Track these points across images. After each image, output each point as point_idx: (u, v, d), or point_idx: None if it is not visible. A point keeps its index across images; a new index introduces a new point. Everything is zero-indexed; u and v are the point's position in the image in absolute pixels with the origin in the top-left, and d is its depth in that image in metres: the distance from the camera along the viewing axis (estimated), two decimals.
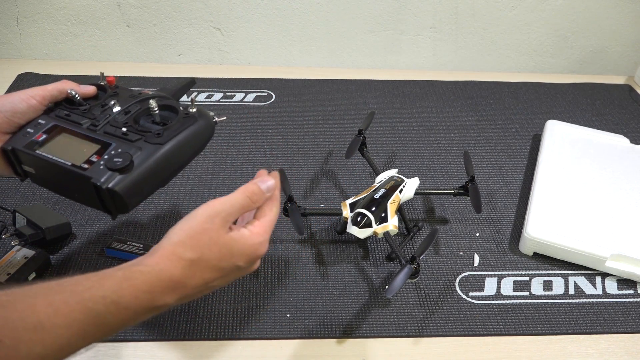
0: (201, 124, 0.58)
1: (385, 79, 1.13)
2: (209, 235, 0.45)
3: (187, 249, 0.45)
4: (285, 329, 0.65)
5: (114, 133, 0.55)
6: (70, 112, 0.58)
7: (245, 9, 1.09)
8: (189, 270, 0.44)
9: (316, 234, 0.77)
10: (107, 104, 0.59)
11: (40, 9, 1.06)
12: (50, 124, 0.57)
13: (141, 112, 0.58)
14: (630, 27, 1.16)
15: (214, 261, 0.46)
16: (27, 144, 0.55)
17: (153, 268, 0.43)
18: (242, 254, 0.47)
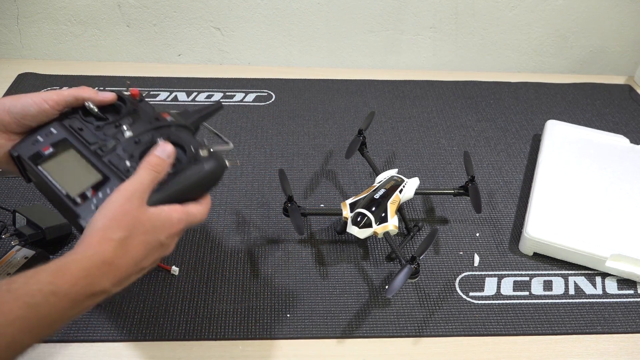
0: (208, 171, 0.54)
1: (385, 79, 1.13)
2: (132, 214, 0.46)
3: (115, 230, 0.45)
4: (285, 329, 0.65)
5: (117, 166, 0.53)
6: (83, 125, 0.56)
7: (245, 9, 1.09)
8: (120, 249, 0.45)
9: (316, 234, 0.77)
10: (120, 125, 0.56)
11: (40, 9, 1.06)
12: (60, 137, 0.55)
13: (150, 145, 0.53)
14: (630, 27, 1.16)
15: (141, 236, 0.47)
16: (32, 154, 0.54)
17: (85, 254, 0.44)
18: (163, 228, 0.48)
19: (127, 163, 0.53)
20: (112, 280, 0.45)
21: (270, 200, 0.82)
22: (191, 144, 0.54)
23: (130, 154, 0.53)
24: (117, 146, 0.54)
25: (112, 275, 0.45)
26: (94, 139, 0.55)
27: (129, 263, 0.46)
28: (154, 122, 0.56)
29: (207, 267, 0.71)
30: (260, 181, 0.85)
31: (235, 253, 0.74)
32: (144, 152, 0.53)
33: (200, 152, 0.54)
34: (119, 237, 0.45)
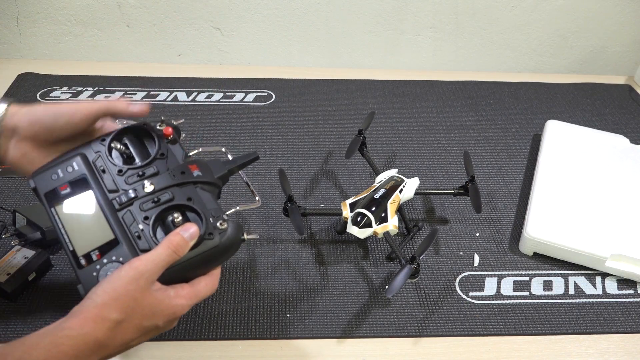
0: (223, 247, 0.51)
1: (385, 79, 1.13)
2: (134, 296, 0.45)
3: (112, 310, 0.44)
4: (285, 329, 0.65)
5: (129, 227, 0.50)
6: (106, 167, 0.52)
7: (245, 9, 1.09)
8: (113, 331, 0.44)
9: (316, 234, 0.77)
10: (144, 174, 0.52)
11: (40, 9, 1.06)
12: (80, 175, 0.52)
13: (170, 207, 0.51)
14: (630, 27, 1.16)
15: (137, 321, 0.46)
16: (49, 191, 0.52)
17: (79, 332, 0.43)
18: (163, 315, 0.47)
19: (140, 226, 0.50)
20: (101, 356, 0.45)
21: (270, 200, 0.82)
22: (210, 213, 0.51)
23: (145, 215, 0.50)
24: (134, 201, 0.51)
25: (99, 354, 0.44)
26: (113, 186, 0.52)
27: (119, 345, 0.45)
28: (179, 176, 0.53)
29: None
30: (260, 181, 0.85)
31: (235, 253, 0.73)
32: (159, 215, 0.50)
33: (219, 224, 0.51)
34: (115, 319, 0.44)
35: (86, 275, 0.48)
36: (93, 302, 0.44)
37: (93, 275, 0.48)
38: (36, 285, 0.67)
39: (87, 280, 0.48)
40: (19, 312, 0.64)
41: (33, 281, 0.67)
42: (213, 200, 0.53)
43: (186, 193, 0.52)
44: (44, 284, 0.68)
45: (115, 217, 0.50)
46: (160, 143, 0.54)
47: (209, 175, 0.54)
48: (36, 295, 0.66)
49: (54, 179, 0.52)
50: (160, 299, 0.46)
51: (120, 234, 0.49)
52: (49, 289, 0.67)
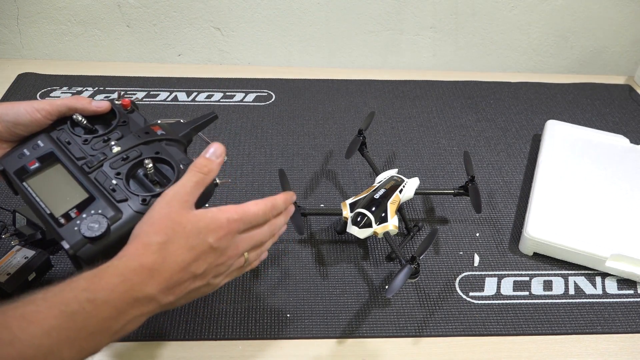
0: None
1: (385, 79, 1.13)
2: (171, 217, 0.44)
3: (152, 234, 0.44)
4: (285, 329, 0.65)
5: (103, 184, 0.51)
6: (71, 139, 0.55)
7: (245, 9, 1.09)
8: (159, 254, 0.43)
9: (316, 234, 0.77)
10: (109, 139, 0.55)
11: (40, 9, 1.06)
12: (47, 150, 0.54)
13: (138, 162, 0.53)
14: (630, 27, 1.16)
15: (183, 239, 0.44)
16: (18, 169, 0.53)
17: (121, 260, 0.42)
18: (209, 230, 0.45)
19: (113, 181, 0.51)
20: (158, 286, 0.42)
21: None
22: (181, 161, 0.53)
23: (117, 171, 0.52)
24: (104, 162, 0.53)
25: (156, 281, 0.42)
26: (80, 154, 0.54)
27: (174, 268, 0.43)
28: (143, 135, 0.55)
29: None
30: (260, 181, 0.85)
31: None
32: (131, 169, 0.52)
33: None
34: (158, 242, 0.43)
35: (67, 230, 0.49)
36: (133, 236, 0.44)
37: (75, 230, 0.48)
38: (36, 285, 0.67)
39: (69, 235, 0.48)
40: None
41: (33, 281, 0.67)
42: (181, 152, 0.55)
43: (153, 149, 0.54)
44: (44, 284, 0.67)
45: (87, 179, 0.52)
46: (120, 111, 0.57)
47: (172, 134, 0.57)
48: None
49: (22, 157, 0.53)
50: (200, 215, 0.45)
51: (95, 191, 0.51)
52: None
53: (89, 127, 0.56)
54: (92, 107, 0.56)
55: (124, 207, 0.50)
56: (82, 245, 0.48)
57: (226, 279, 0.50)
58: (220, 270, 0.47)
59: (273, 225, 0.51)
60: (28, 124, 0.53)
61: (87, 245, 0.48)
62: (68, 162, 0.53)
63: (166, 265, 0.43)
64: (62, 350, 0.38)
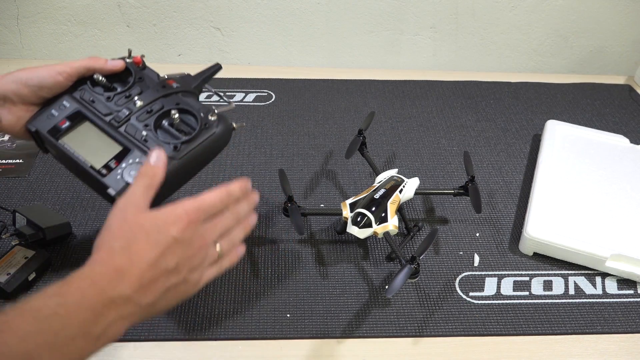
0: (218, 135, 0.57)
1: (385, 79, 1.13)
2: (127, 221, 0.45)
3: (113, 240, 0.44)
4: (285, 329, 0.65)
5: (135, 136, 0.56)
6: (94, 97, 0.58)
7: (245, 9, 1.09)
8: (124, 256, 0.43)
9: (316, 234, 0.77)
10: (131, 95, 0.59)
11: (40, 9, 1.06)
12: (74, 109, 0.58)
13: (162, 113, 0.57)
14: (630, 27, 1.16)
15: (144, 238, 0.44)
16: (50, 129, 0.57)
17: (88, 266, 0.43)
18: (168, 223, 0.45)
19: (144, 132, 0.56)
20: (131, 286, 0.42)
21: (270, 200, 0.82)
22: (201, 109, 0.57)
23: (145, 123, 0.56)
24: (130, 116, 0.57)
25: (128, 281, 0.42)
26: (106, 110, 0.58)
27: (142, 267, 0.43)
28: (161, 89, 0.59)
29: None
30: (260, 181, 0.85)
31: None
32: (157, 121, 0.57)
33: (210, 117, 0.57)
34: (120, 245, 0.44)
35: (111, 178, 0.53)
36: (96, 247, 0.45)
37: (118, 178, 0.53)
38: (36, 285, 0.67)
39: (113, 182, 0.53)
40: None
41: (33, 281, 0.67)
42: (198, 102, 0.59)
43: (173, 100, 0.58)
44: (44, 284, 0.68)
45: (117, 132, 0.56)
46: (134, 70, 0.61)
47: (186, 85, 0.61)
48: None
49: (51, 118, 0.57)
50: (156, 212, 0.46)
51: (128, 143, 0.55)
52: None
53: (108, 85, 0.59)
54: (108, 66, 0.59)
55: None
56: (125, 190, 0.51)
57: (206, 274, 0.49)
58: (194, 264, 0.47)
59: (235, 212, 0.52)
60: (52, 86, 0.57)
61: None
62: (96, 118, 0.57)
63: (134, 264, 0.43)
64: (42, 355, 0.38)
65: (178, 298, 0.47)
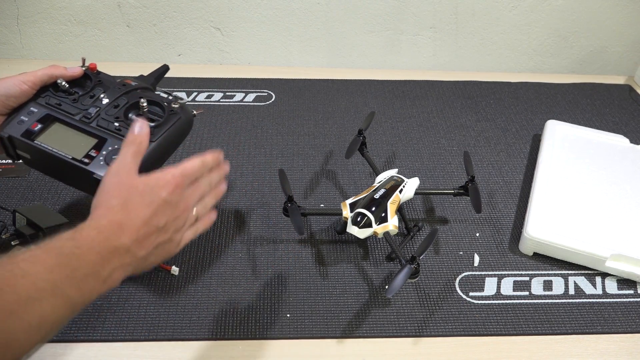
0: (183, 120, 0.63)
1: (385, 79, 1.13)
2: (122, 183, 0.50)
3: (111, 199, 0.49)
4: (285, 329, 0.65)
5: (107, 127, 0.60)
6: (60, 101, 0.62)
7: (245, 9, 1.09)
8: (122, 212, 0.48)
9: (316, 234, 0.77)
10: (95, 95, 0.63)
11: (40, 9, 1.06)
12: (43, 113, 0.61)
13: (129, 106, 0.63)
14: (630, 27, 1.16)
15: (139, 198, 0.49)
16: (24, 132, 0.60)
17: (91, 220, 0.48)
18: (159, 186, 0.50)
19: (116, 124, 0.61)
20: (130, 237, 0.47)
21: (270, 200, 0.82)
22: (164, 100, 0.63)
23: (115, 116, 0.61)
24: (100, 112, 0.62)
25: (128, 233, 0.47)
26: (74, 111, 0.62)
27: (138, 223, 0.48)
28: (122, 87, 0.65)
29: (207, 267, 0.71)
30: (260, 181, 0.85)
31: (235, 253, 0.74)
32: (127, 111, 0.62)
33: (173, 105, 0.63)
34: (118, 203, 0.48)
35: (95, 165, 0.58)
36: (93, 207, 0.49)
37: (101, 164, 0.58)
38: None
39: (97, 168, 0.58)
40: None
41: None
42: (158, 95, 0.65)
43: (135, 96, 0.63)
44: None
45: (90, 127, 0.61)
46: (91, 75, 0.66)
47: (144, 83, 0.68)
48: None
49: (22, 123, 0.60)
50: (147, 177, 0.51)
51: (103, 134, 0.60)
52: None
53: (70, 90, 0.63)
54: (69, 72, 0.63)
55: None
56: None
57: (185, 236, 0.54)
58: (178, 225, 0.52)
59: (209, 179, 0.56)
60: (18, 95, 0.60)
61: None
62: (66, 118, 0.61)
63: (131, 220, 0.48)
64: (64, 286, 0.43)
65: (164, 255, 0.52)
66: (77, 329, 0.63)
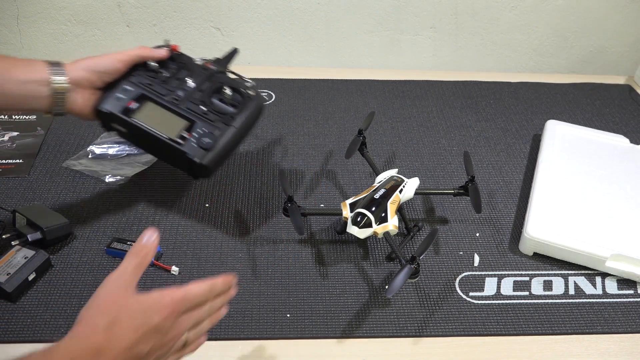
0: (259, 105, 0.72)
1: (385, 79, 1.13)
2: (115, 299, 0.46)
3: (98, 316, 0.45)
4: (285, 329, 0.65)
5: (196, 111, 0.69)
6: (151, 81, 0.70)
7: (245, 9, 1.09)
8: (105, 335, 0.44)
9: (316, 234, 0.77)
10: (181, 78, 0.71)
11: (40, 9, 1.06)
12: (138, 93, 0.69)
13: (213, 90, 0.71)
14: (630, 27, 1.16)
15: (128, 320, 0.45)
16: (122, 109, 0.68)
17: (70, 339, 0.44)
18: (153, 311, 0.46)
19: (202, 107, 0.69)
20: None
21: (270, 200, 0.82)
22: (242, 86, 0.71)
23: (202, 100, 0.70)
24: (187, 95, 0.70)
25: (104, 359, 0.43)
26: (164, 92, 0.70)
27: (119, 349, 0.44)
28: (204, 72, 0.72)
29: (207, 267, 0.71)
30: (260, 181, 0.85)
31: (235, 253, 0.74)
32: (210, 97, 0.70)
33: (249, 92, 0.71)
34: (104, 323, 0.44)
35: (188, 146, 0.66)
36: (79, 318, 0.45)
37: (194, 146, 0.66)
38: (36, 285, 0.67)
39: (191, 150, 0.66)
40: (19, 312, 0.64)
41: (33, 281, 0.67)
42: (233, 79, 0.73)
43: (217, 80, 0.72)
44: (44, 284, 0.68)
45: (180, 109, 0.69)
46: (176, 56, 0.73)
47: (220, 67, 0.75)
48: (36, 295, 0.66)
49: (120, 100, 0.68)
50: (144, 297, 0.47)
51: (192, 117, 0.68)
52: (49, 289, 0.67)
53: (159, 70, 0.71)
54: (157, 54, 0.71)
55: (219, 124, 0.69)
56: (204, 155, 0.67)
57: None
58: (163, 351, 0.48)
59: (212, 306, 0.52)
60: (113, 72, 0.68)
61: (208, 154, 0.67)
62: (158, 99, 0.69)
63: (112, 345, 0.44)
64: None
65: None
66: None
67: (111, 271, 0.45)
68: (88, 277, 0.69)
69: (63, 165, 0.85)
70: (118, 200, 0.80)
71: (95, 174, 0.84)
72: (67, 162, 0.86)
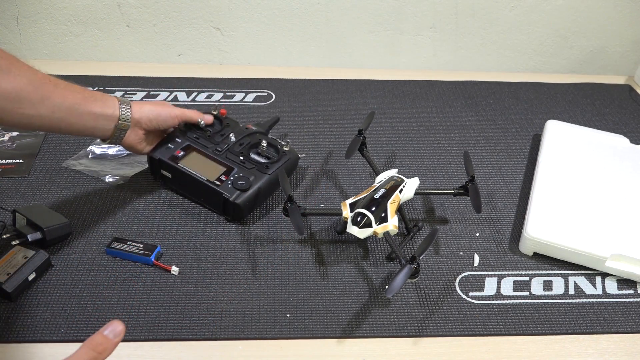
0: (292, 160, 0.81)
1: (385, 79, 1.13)
2: None
3: None
4: (285, 329, 0.65)
5: (234, 160, 0.78)
6: (199, 135, 0.81)
7: (245, 9, 1.09)
8: None
9: (316, 234, 0.77)
10: (225, 134, 0.82)
11: (40, 9, 1.06)
12: (185, 144, 0.80)
13: (251, 145, 0.81)
14: (630, 27, 1.16)
15: None
16: (170, 156, 0.78)
17: None
18: None
19: (240, 157, 0.79)
20: None
21: (270, 200, 0.82)
22: (278, 143, 0.81)
23: (241, 152, 0.79)
24: (228, 147, 0.80)
25: None
26: (209, 144, 0.80)
27: None
28: (245, 130, 0.83)
29: (207, 267, 0.71)
30: None
31: (235, 253, 0.74)
32: (248, 150, 0.80)
33: (284, 147, 0.80)
34: None
35: (224, 188, 0.75)
36: None
37: (229, 187, 0.75)
38: (36, 285, 0.67)
39: (226, 190, 0.75)
40: (19, 312, 0.64)
41: (33, 281, 0.67)
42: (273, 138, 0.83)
43: (255, 138, 0.82)
44: (44, 284, 0.68)
45: (221, 158, 0.79)
46: (221, 118, 0.85)
47: (261, 129, 0.86)
48: (36, 295, 0.66)
49: (169, 149, 0.79)
50: None
51: (231, 164, 0.78)
52: (49, 289, 0.67)
53: (206, 129, 0.82)
54: (205, 119, 0.82)
55: (254, 172, 0.77)
56: (238, 195, 0.74)
57: None
58: None
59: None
60: (167, 125, 0.78)
61: (241, 194, 0.74)
62: (202, 148, 0.80)
63: None
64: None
65: None
66: (78, 329, 0.63)
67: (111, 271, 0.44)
68: (88, 277, 0.69)
69: (63, 165, 0.86)
70: (118, 200, 0.80)
71: (95, 174, 0.84)
72: (67, 162, 0.86)
